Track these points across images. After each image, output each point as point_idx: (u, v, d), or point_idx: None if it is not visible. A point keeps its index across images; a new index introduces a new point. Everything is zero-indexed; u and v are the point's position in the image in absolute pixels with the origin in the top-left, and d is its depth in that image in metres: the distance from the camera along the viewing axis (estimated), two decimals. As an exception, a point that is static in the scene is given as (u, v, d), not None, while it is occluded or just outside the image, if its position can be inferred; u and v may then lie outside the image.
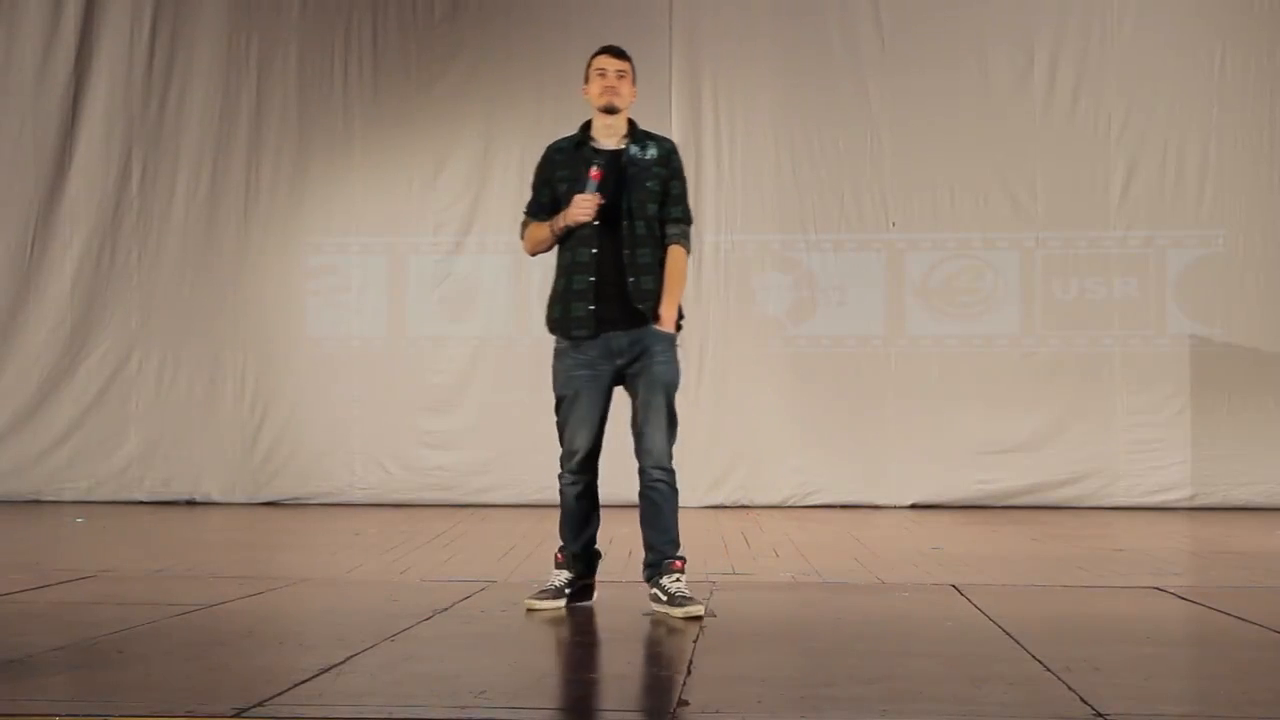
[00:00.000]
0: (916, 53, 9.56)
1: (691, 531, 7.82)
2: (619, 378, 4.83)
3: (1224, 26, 9.46)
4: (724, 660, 4.02)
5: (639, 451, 4.81)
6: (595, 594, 5.06)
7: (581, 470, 4.87)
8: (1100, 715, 3.24)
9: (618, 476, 4.94)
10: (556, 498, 4.99)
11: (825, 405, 9.48)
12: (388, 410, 9.68)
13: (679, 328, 4.86)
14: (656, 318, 4.77)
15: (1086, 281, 9.50)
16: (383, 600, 5.14)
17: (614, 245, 4.77)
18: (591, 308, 4.75)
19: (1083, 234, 9.50)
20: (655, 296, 4.77)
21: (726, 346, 9.57)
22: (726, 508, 9.26)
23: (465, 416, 9.61)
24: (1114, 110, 9.47)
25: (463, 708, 3.28)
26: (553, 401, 4.93)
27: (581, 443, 4.83)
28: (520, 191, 9.56)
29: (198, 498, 9.69)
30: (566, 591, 4.91)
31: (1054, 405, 9.41)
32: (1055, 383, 9.43)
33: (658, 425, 4.77)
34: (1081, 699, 3.41)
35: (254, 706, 3.29)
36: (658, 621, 4.66)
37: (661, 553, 4.80)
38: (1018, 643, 4.21)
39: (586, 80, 4.89)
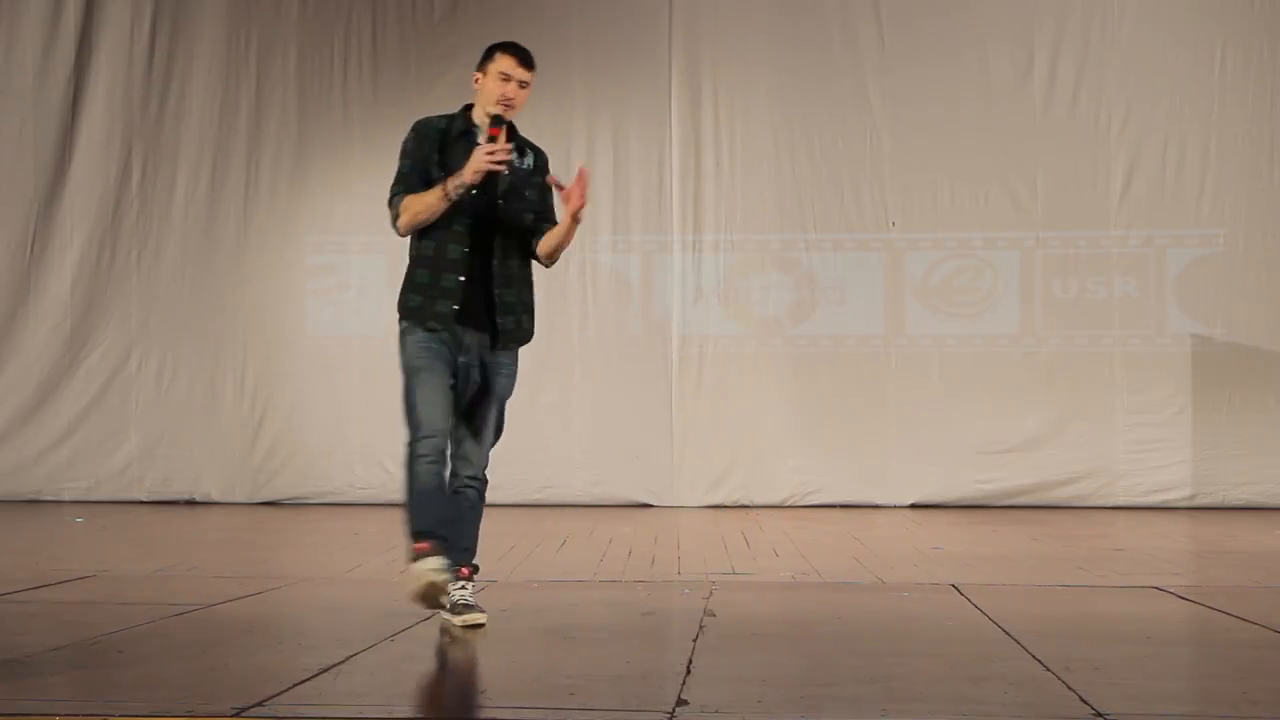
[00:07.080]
0: (916, 51, 9.55)
1: (691, 531, 7.86)
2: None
3: (1224, 25, 9.45)
4: (724, 660, 4.02)
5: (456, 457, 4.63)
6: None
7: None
8: (1100, 715, 3.25)
9: (615, 477, 4.95)
10: (556, 497, 4.99)
11: (825, 405, 9.47)
12: (388, 410, 9.57)
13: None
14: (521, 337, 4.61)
15: (1086, 281, 9.49)
16: (383, 600, 5.14)
17: (485, 251, 4.52)
18: (456, 307, 4.48)
19: (1083, 233, 9.50)
20: (518, 310, 4.61)
21: (726, 346, 9.56)
22: (726, 508, 9.25)
23: (465, 416, 9.60)
24: (1114, 109, 9.47)
25: (463, 707, 3.28)
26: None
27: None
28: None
29: (198, 497, 9.68)
30: None
31: (1054, 405, 9.40)
32: (1055, 383, 9.43)
33: (489, 436, 4.65)
34: (1081, 699, 3.41)
35: (254, 706, 3.29)
36: (658, 620, 4.66)
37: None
38: (1018, 643, 4.21)
39: (483, 70, 4.54)
